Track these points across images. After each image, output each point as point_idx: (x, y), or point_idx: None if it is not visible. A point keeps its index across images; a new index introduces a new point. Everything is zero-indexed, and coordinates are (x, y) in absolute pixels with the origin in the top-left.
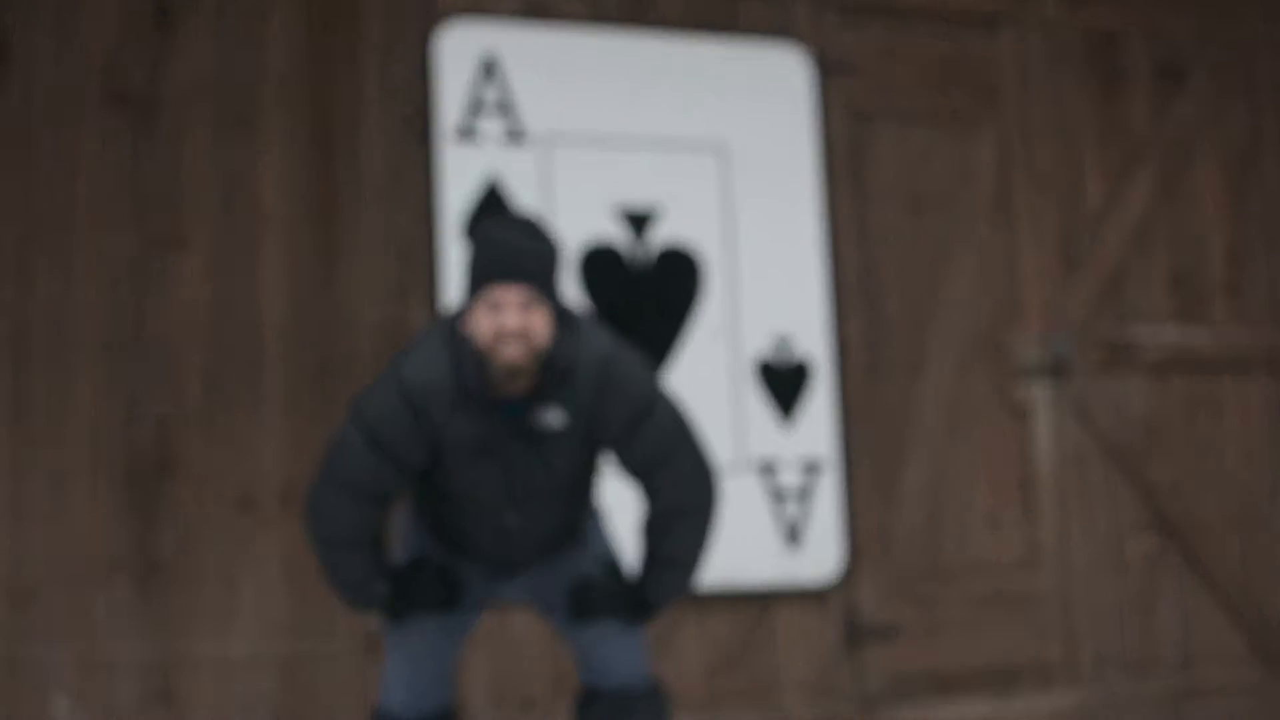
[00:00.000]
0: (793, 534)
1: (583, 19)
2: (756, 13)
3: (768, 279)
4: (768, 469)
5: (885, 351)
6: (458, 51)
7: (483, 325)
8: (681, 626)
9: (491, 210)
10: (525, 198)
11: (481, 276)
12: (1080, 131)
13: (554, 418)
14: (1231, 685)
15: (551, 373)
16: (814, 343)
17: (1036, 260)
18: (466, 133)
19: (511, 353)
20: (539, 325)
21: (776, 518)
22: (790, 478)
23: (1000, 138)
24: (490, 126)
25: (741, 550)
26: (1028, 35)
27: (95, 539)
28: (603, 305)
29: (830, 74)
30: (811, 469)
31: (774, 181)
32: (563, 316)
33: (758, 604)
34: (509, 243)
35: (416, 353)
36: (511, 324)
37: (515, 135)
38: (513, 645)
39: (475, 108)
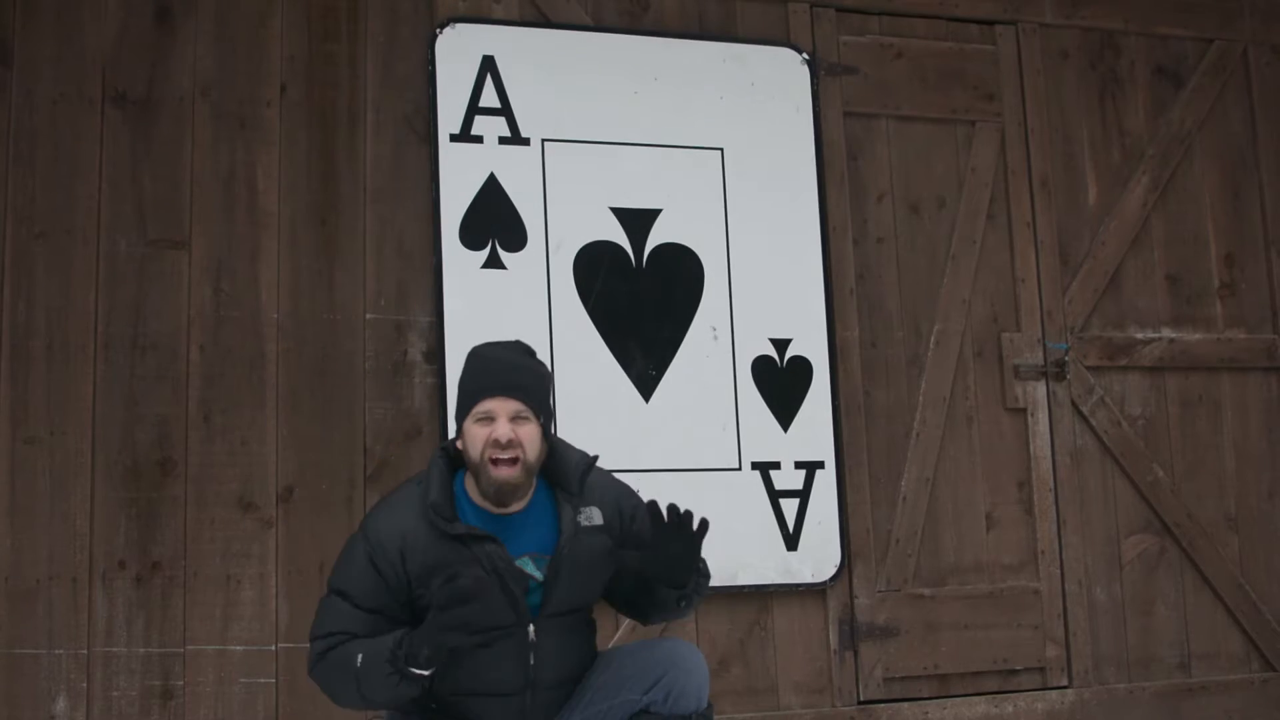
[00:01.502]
0: (791, 534)
1: (581, 22)
2: (755, 14)
3: (767, 280)
4: (766, 469)
5: (885, 352)
6: (457, 52)
7: (476, 437)
8: (680, 625)
9: (489, 209)
10: (525, 198)
11: (474, 391)
12: (1079, 132)
13: (596, 515)
14: (1230, 685)
15: (574, 473)
16: (813, 343)
17: (1035, 261)
18: (466, 133)
19: (504, 472)
20: (530, 439)
21: (775, 517)
22: (789, 477)
23: (999, 138)
24: (490, 127)
25: (740, 550)
26: (1027, 36)
27: (95, 539)
28: (602, 306)
29: (829, 75)
30: (810, 469)
31: (773, 182)
32: (554, 435)
33: (756, 603)
34: (500, 359)
35: (381, 504)
36: (503, 434)
37: (515, 136)
38: None
39: (475, 108)
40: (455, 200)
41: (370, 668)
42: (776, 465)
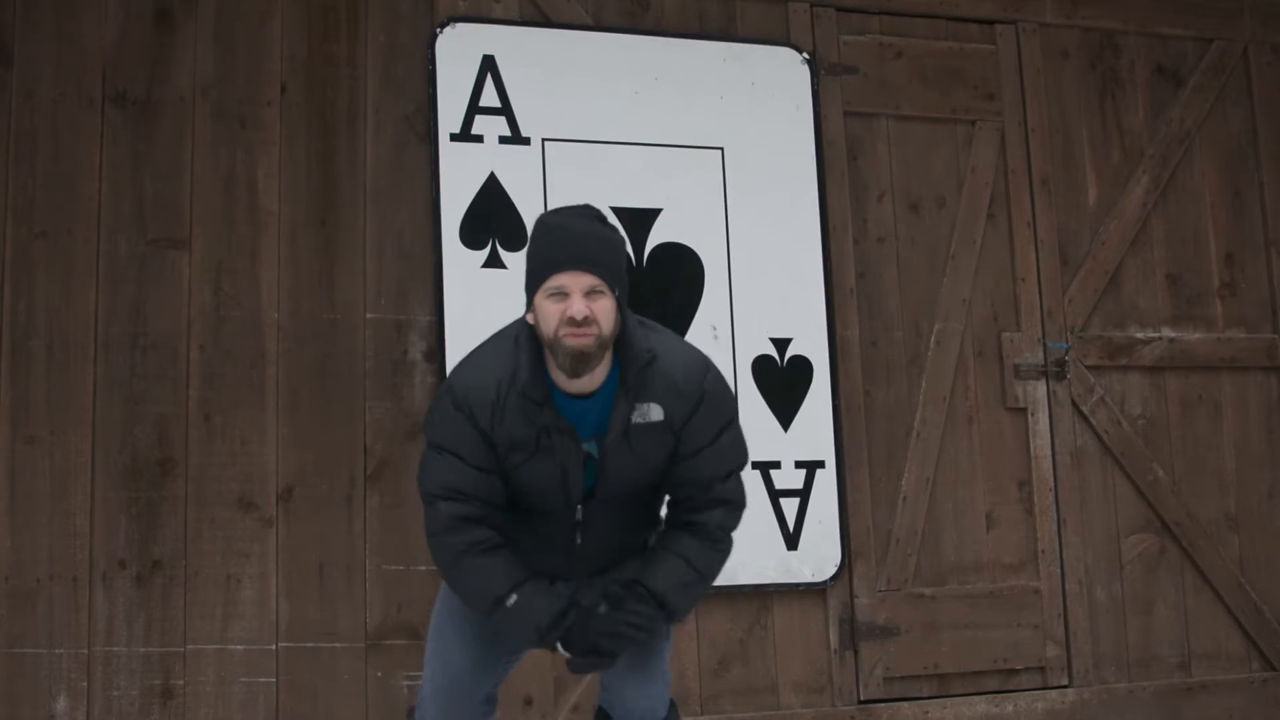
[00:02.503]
0: (792, 533)
1: (581, 22)
2: (755, 14)
3: (767, 280)
4: (767, 468)
5: (884, 351)
6: (457, 52)
7: (549, 314)
8: (680, 625)
9: (490, 208)
10: (525, 198)
11: (544, 265)
12: (1078, 132)
13: (654, 412)
14: (1230, 685)
15: (633, 366)
16: (813, 342)
17: (1035, 260)
18: (466, 133)
19: (578, 340)
20: (605, 313)
21: (775, 517)
22: (789, 477)
23: (999, 138)
24: (490, 127)
25: (740, 549)
26: (1027, 36)
27: (95, 539)
28: None
29: (829, 74)
30: (810, 468)
31: (773, 182)
32: (628, 311)
33: (756, 603)
34: (571, 229)
35: (468, 359)
36: (578, 311)
37: (515, 136)
38: None
39: (475, 108)
40: (455, 200)
41: (517, 616)
42: (777, 465)
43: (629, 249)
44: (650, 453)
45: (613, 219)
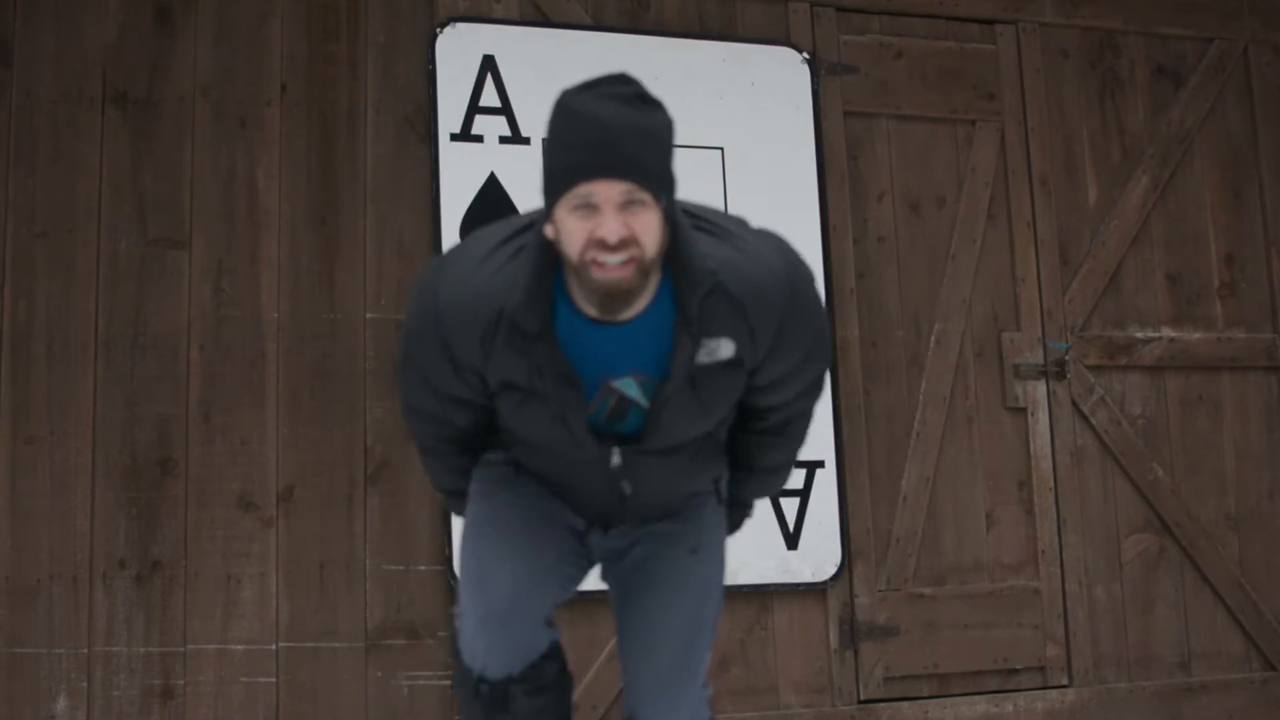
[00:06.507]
0: (792, 533)
1: (581, 22)
2: (755, 14)
3: None
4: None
5: (884, 351)
6: (457, 52)
7: (573, 234)
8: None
9: (490, 208)
10: (525, 198)
11: (566, 170)
12: (1078, 132)
13: (724, 348)
14: (1230, 685)
15: (695, 292)
16: None
17: (1035, 260)
18: (466, 133)
19: (612, 274)
20: (648, 231)
21: (775, 517)
22: (789, 477)
23: (999, 138)
24: (490, 127)
25: (740, 549)
26: (1027, 36)
27: (95, 539)
28: None
29: (829, 74)
30: (810, 468)
31: (773, 183)
32: (679, 218)
33: (756, 602)
34: (603, 120)
35: (463, 261)
36: (611, 232)
37: (515, 135)
38: None
39: (475, 108)
40: (456, 200)
41: (439, 482)
42: None
43: (676, 132)
44: (718, 396)
45: (655, 92)
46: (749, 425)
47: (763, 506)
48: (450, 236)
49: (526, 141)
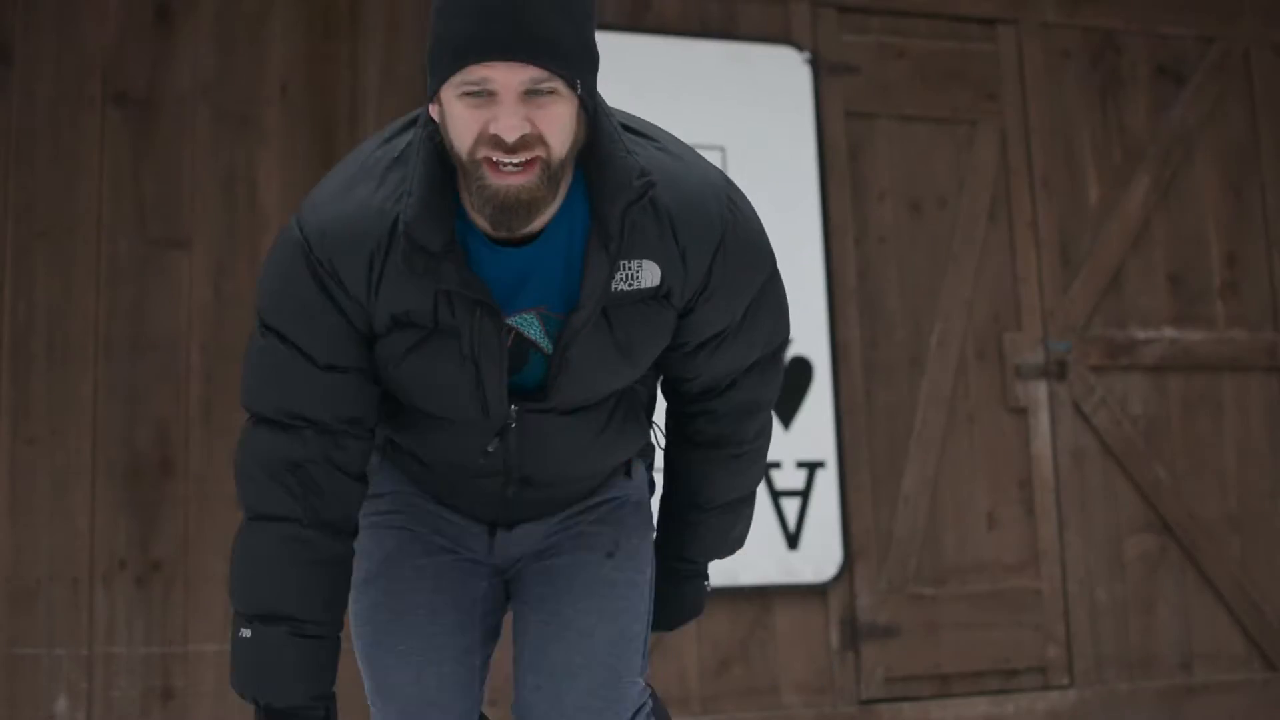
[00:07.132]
0: (792, 533)
1: None
2: (756, 13)
3: None
4: (768, 468)
5: (885, 351)
6: None
7: (462, 123)
8: None
9: None
10: None
11: (456, 45)
12: (1079, 132)
13: (648, 273)
14: (1231, 685)
15: (616, 199)
16: (814, 343)
17: (1036, 260)
18: None
19: (508, 179)
20: (557, 127)
21: (776, 517)
22: (790, 477)
23: (1000, 138)
24: None
25: (741, 549)
26: (1027, 35)
27: (95, 539)
28: None
29: (830, 74)
30: (811, 468)
31: (773, 182)
32: (599, 107)
33: (757, 603)
34: None
35: (332, 181)
36: (509, 129)
37: None
38: None
39: None
40: None
41: (253, 654)
42: (777, 465)
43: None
44: (639, 338)
45: None
46: (693, 424)
47: (763, 506)
48: None
49: None
